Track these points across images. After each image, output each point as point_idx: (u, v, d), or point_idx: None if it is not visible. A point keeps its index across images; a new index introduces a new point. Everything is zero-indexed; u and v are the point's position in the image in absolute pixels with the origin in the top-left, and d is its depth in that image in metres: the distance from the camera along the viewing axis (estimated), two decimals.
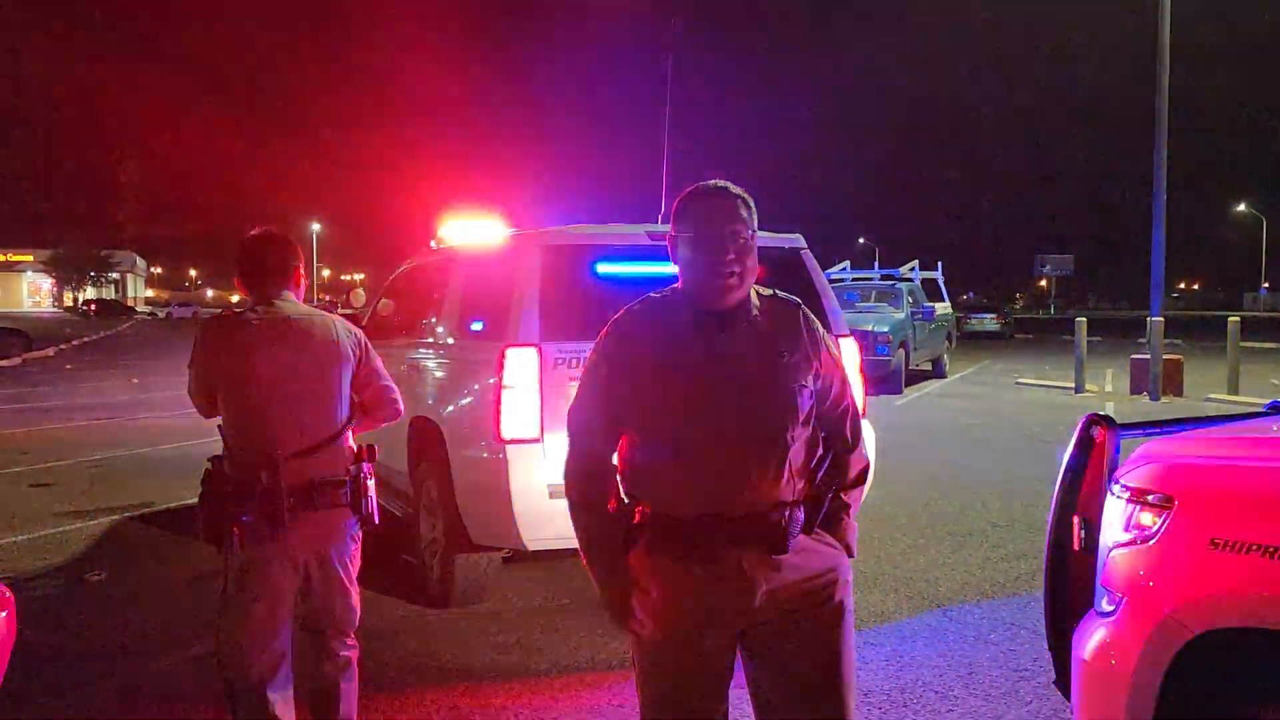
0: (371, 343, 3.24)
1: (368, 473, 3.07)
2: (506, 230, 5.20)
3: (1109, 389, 16.63)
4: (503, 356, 4.41)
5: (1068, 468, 2.77)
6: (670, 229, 2.16)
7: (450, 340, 5.39)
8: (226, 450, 2.99)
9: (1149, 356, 15.01)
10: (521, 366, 4.40)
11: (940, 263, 21.35)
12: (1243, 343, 15.66)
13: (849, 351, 4.85)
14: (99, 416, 13.36)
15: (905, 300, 17.34)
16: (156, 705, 3.96)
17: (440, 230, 5.92)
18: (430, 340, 5.67)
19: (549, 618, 4.92)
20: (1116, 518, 2.46)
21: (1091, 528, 2.63)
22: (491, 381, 4.47)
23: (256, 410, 2.95)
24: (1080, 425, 2.78)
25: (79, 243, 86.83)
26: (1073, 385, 16.09)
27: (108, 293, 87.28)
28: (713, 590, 2.07)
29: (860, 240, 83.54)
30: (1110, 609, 2.42)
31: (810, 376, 2.13)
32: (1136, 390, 15.35)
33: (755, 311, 2.14)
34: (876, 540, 6.29)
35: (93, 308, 68.85)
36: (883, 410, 12.95)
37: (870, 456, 5.13)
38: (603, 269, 4.67)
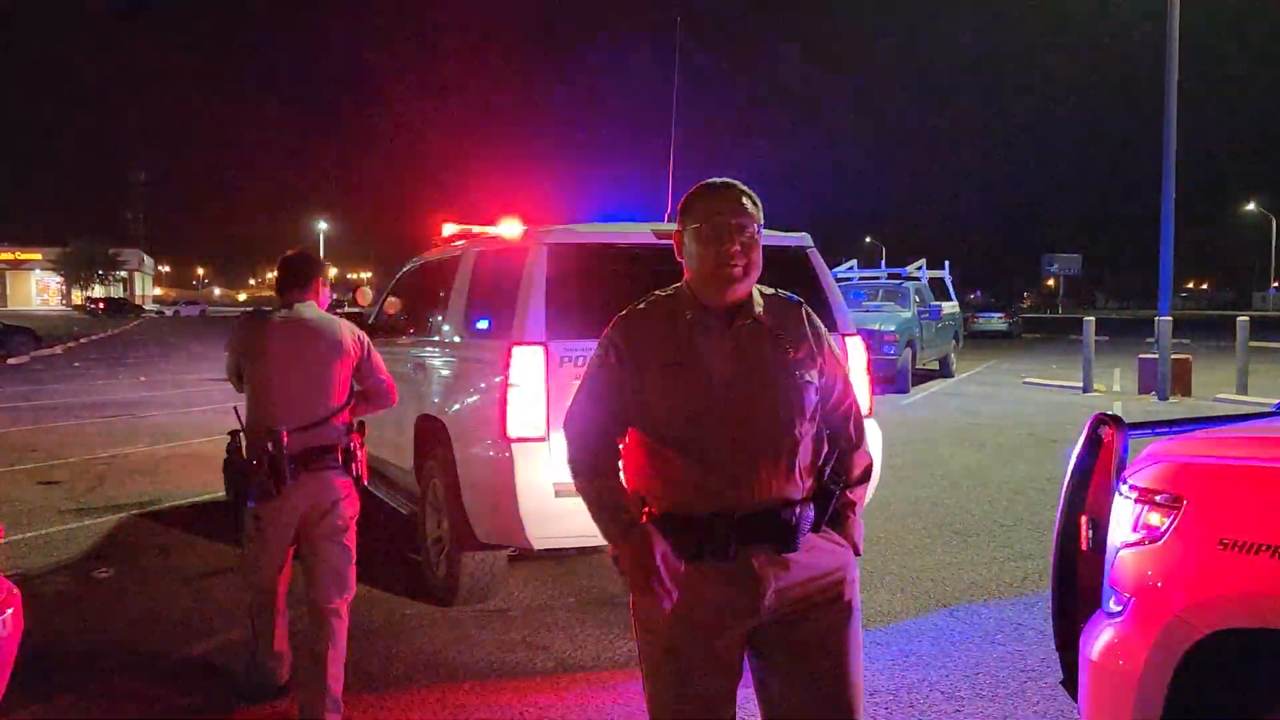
0: (379, 340, 3.44)
1: (358, 444, 3.76)
2: (512, 228, 5.19)
3: (1117, 388, 16.57)
4: (509, 354, 4.40)
5: (1076, 467, 2.75)
6: (677, 224, 2.16)
7: (456, 338, 5.39)
8: (243, 424, 3.70)
9: (1157, 356, 14.96)
10: (528, 365, 4.39)
11: (947, 262, 21.30)
12: (1251, 342, 15.60)
13: (856, 351, 4.84)
14: (106, 414, 13.39)
15: (912, 299, 17.29)
16: (163, 701, 3.96)
17: (446, 229, 5.92)
18: (436, 338, 5.67)
19: (555, 616, 4.91)
20: (1125, 518, 2.45)
21: (1099, 527, 2.61)
22: (498, 380, 4.47)
23: (267, 390, 3.67)
24: (1088, 425, 2.76)
25: (88, 241, 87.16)
26: (1080, 385, 16.05)
27: (116, 291, 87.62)
28: (722, 589, 2.06)
29: (867, 239, 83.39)
30: (1118, 609, 2.40)
31: (815, 373, 2.13)
32: (1144, 390, 15.30)
33: (759, 309, 2.14)
34: (883, 539, 6.28)
35: (101, 306, 69.10)
36: (889, 409, 12.93)
37: (876, 455, 5.10)
38: (609, 267, 4.66)
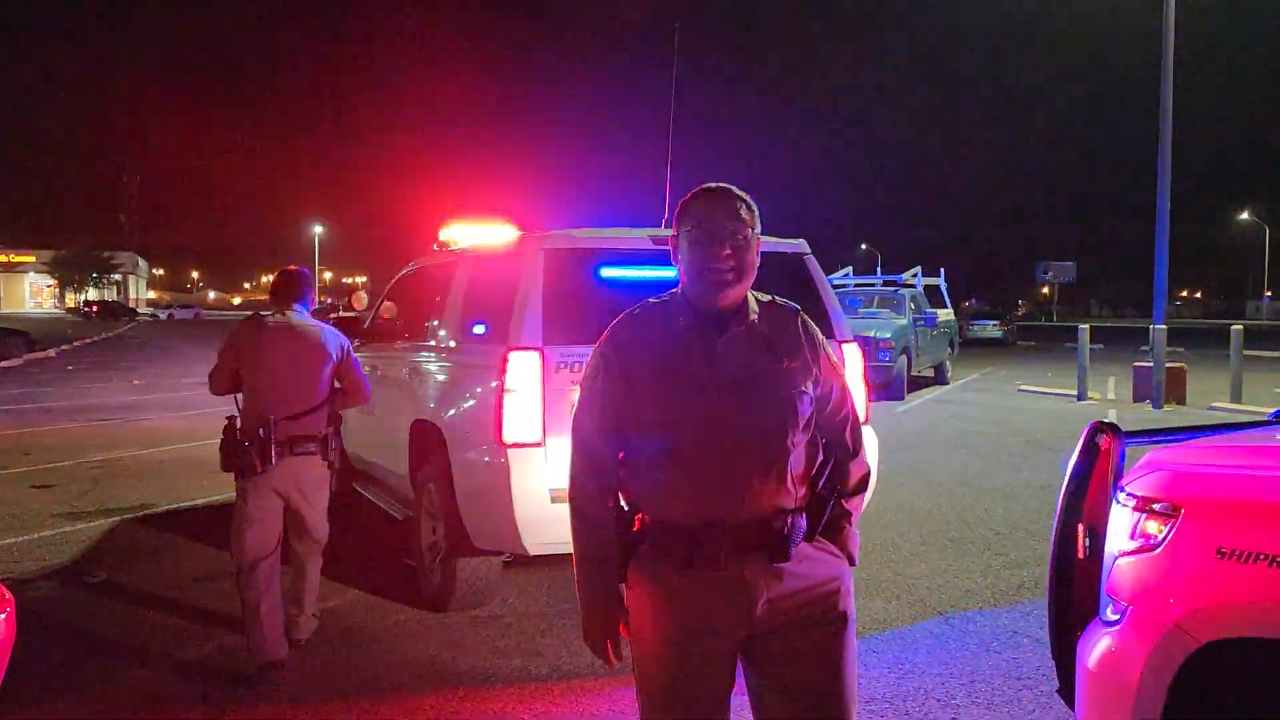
0: (374, 345, 3.56)
1: (334, 434, 4.43)
2: (509, 233, 5.18)
3: (1112, 396, 16.61)
4: (505, 360, 4.39)
5: (1073, 475, 2.75)
6: (673, 229, 2.16)
7: (452, 343, 5.37)
8: (240, 413, 4.30)
9: (1152, 364, 15.00)
10: (524, 370, 4.38)
11: (943, 269, 21.33)
12: (1245, 351, 15.65)
13: (852, 357, 4.83)
14: (100, 418, 13.36)
15: (908, 306, 17.31)
16: (156, 706, 3.94)
17: (443, 233, 5.91)
18: (432, 343, 5.65)
19: (549, 622, 4.90)
20: (1122, 526, 2.45)
21: (1096, 536, 2.61)
22: (494, 385, 4.46)
23: (259, 385, 4.28)
24: (1085, 433, 2.76)
25: (81, 244, 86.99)
26: (1075, 393, 16.08)
27: (110, 294, 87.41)
28: (714, 599, 2.05)
29: (863, 246, 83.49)
30: (1115, 618, 2.40)
31: (810, 382, 2.12)
32: (1139, 398, 15.34)
33: (754, 316, 2.13)
34: (879, 547, 6.28)
35: (94, 309, 68.89)
36: (885, 417, 12.93)
37: (872, 463, 5.10)
38: (606, 273, 4.65)
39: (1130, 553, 2.39)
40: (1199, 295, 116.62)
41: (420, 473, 5.27)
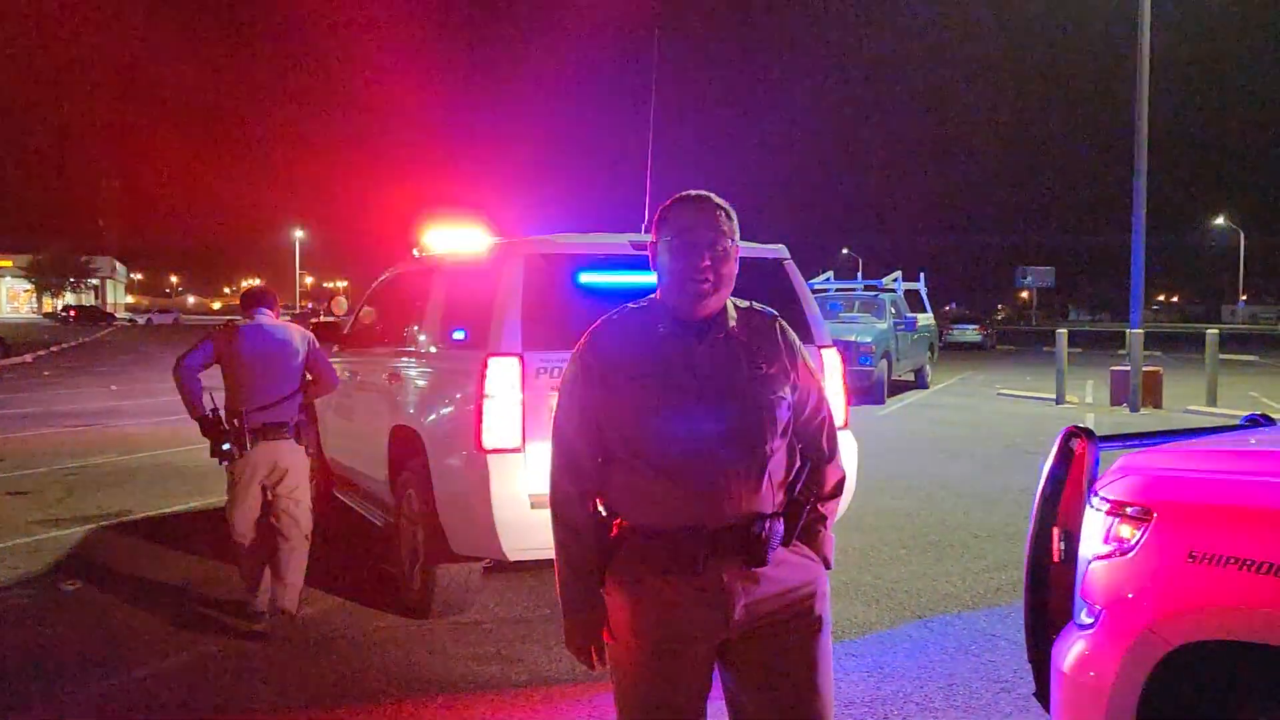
0: (354, 350, 3.76)
1: (305, 421, 5.04)
2: (489, 239, 5.18)
3: (1089, 400, 16.74)
4: (485, 366, 4.39)
5: (1047, 479, 2.77)
6: (652, 236, 2.16)
7: (432, 349, 5.36)
8: (222, 405, 4.88)
9: (1129, 368, 15.12)
10: (503, 376, 4.38)
11: (922, 274, 21.44)
12: (1221, 355, 15.80)
13: (831, 363, 4.85)
14: (76, 424, 13.23)
15: (888, 311, 17.39)
16: (130, 716, 3.91)
17: (423, 238, 5.90)
18: (412, 349, 5.64)
19: (529, 628, 4.89)
20: (1096, 530, 2.47)
21: (1071, 540, 2.63)
22: (473, 391, 4.45)
23: (236, 380, 4.84)
24: (1060, 437, 2.78)
25: (59, 249, 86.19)
26: (1053, 396, 16.20)
27: (88, 299, 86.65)
28: (692, 603, 2.05)
29: (844, 250, 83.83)
30: (1090, 621, 2.42)
31: (787, 388, 2.13)
32: (1116, 401, 15.47)
33: (732, 323, 2.13)
34: (857, 550, 6.30)
35: (72, 314, 68.23)
36: (865, 421, 12.98)
37: (852, 468, 5.12)
38: (586, 278, 4.66)
39: (1104, 556, 2.41)
40: (1175, 300, 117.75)
41: (400, 478, 5.25)
